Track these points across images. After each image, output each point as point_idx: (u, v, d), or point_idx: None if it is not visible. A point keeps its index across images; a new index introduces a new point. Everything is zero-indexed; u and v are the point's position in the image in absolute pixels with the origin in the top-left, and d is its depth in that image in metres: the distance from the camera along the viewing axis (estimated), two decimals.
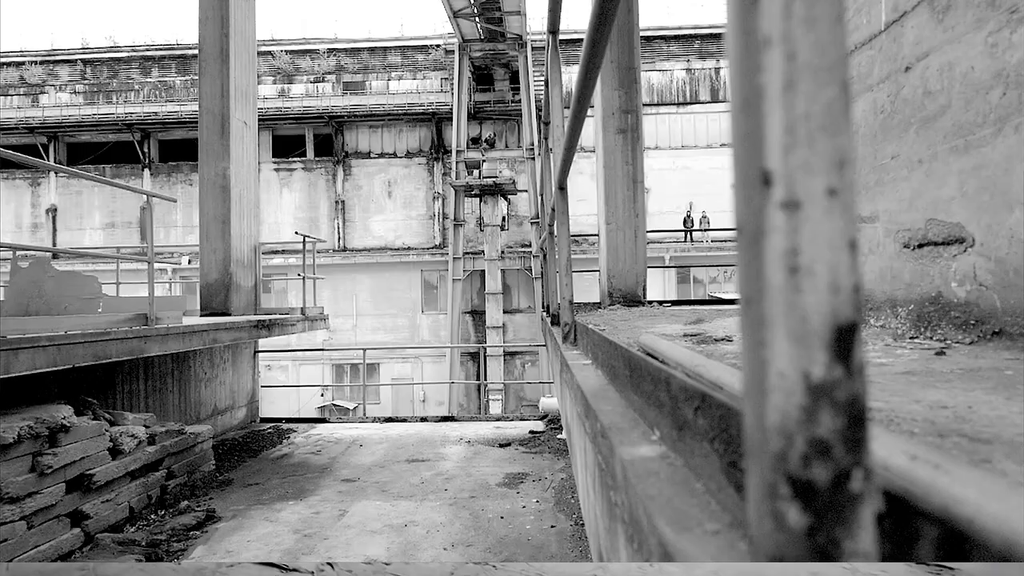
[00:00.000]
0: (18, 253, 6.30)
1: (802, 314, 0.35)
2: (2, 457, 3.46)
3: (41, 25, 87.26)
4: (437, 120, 21.61)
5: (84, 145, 22.57)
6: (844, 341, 0.35)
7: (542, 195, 5.27)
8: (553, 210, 2.61)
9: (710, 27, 21.95)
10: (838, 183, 0.35)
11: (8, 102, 23.10)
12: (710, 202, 20.83)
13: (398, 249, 21.51)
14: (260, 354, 8.75)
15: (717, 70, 21.84)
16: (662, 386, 0.71)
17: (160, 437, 4.93)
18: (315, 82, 22.91)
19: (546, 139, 3.69)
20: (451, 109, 20.99)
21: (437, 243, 21.42)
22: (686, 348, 1.10)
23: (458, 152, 20.59)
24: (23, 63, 23.30)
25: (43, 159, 21.37)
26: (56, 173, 21.77)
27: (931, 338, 1.68)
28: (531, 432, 7.17)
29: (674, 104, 21.78)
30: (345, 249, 21.56)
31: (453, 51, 21.40)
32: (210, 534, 4.31)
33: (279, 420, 8.58)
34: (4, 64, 23.34)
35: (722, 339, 2.05)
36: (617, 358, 1.10)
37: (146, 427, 4.85)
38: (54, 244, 21.47)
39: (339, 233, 21.58)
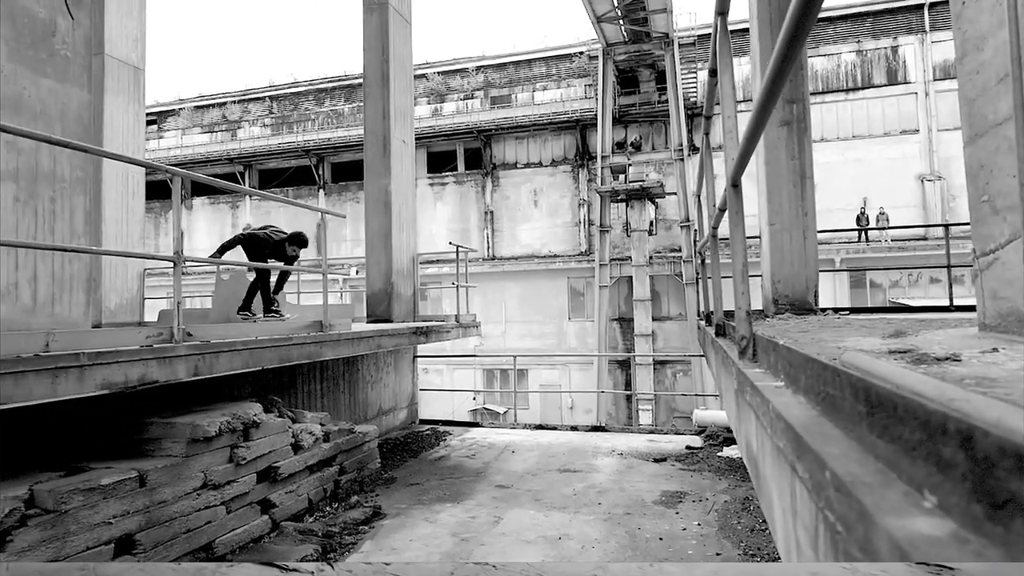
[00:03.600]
0: (221, 268, 7.22)
1: None
2: (206, 448, 3.92)
3: (238, 69, 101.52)
4: (581, 127, 21.58)
5: (271, 171, 25.69)
6: None
7: (699, 195, 4.95)
8: (721, 210, 2.38)
9: (885, 0, 19.55)
10: None
11: (214, 137, 27.02)
12: (888, 197, 18.49)
13: (544, 257, 21.75)
14: (418, 358, 9.24)
15: (894, 48, 19.39)
16: (949, 438, 0.53)
17: (334, 435, 5.33)
18: (465, 99, 24.00)
19: (706, 135, 3.42)
20: (595, 115, 20.85)
21: (583, 250, 21.34)
22: (929, 377, 0.88)
23: (603, 157, 20.38)
24: (224, 103, 27.14)
25: (241, 185, 24.72)
26: (250, 196, 25.01)
27: None
28: (688, 448, 6.78)
29: (842, 91, 19.70)
30: (494, 258, 22.26)
31: (596, 56, 21.28)
32: (376, 530, 4.56)
33: (436, 422, 8.98)
34: (211, 106, 27.36)
35: (946, 358, 1.70)
36: (837, 385, 0.90)
37: (321, 425, 5.27)
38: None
39: (488, 242, 22.34)
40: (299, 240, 6.11)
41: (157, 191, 24.10)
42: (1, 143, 3.42)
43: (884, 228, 13.74)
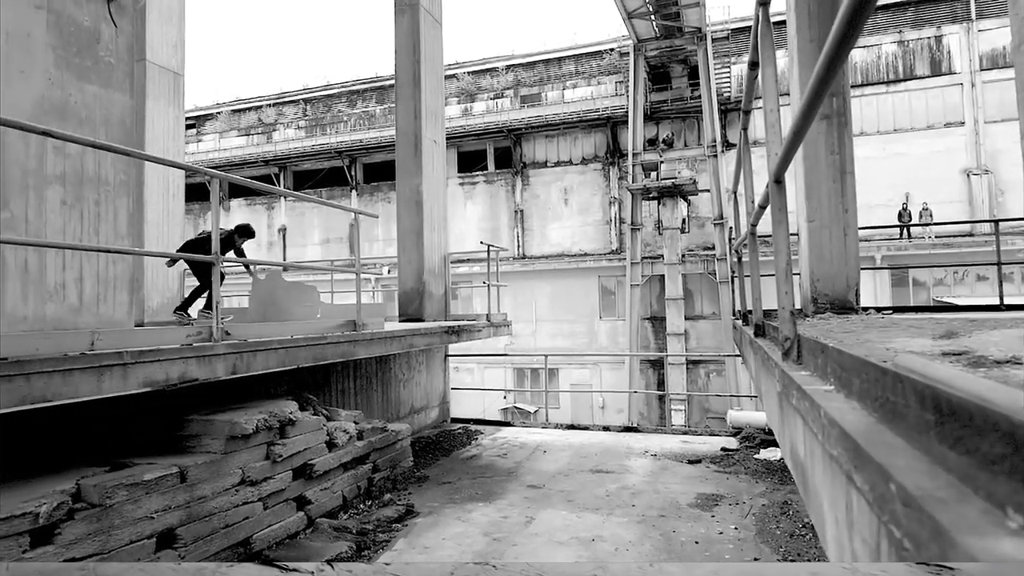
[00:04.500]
0: (257, 267, 7.35)
1: None
2: (244, 445, 3.99)
3: (273, 73, 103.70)
4: (612, 124, 21.39)
5: (305, 172, 26.14)
6: None
7: (735, 192, 4.84)
8: (761, 207, 2.31)
9: None
10: None
11: (250, 140, 27.63)
12: (931, 192, 17.84)
13: (575, 255, 21.64)
14: (449, 357, 9.28)
15: (938, 38, 18.69)
16: None
17: (367, 433, 5.38)
18: (495, 98, 24.03)
19: (744, 130, 3.34)
20: (626, 112, 20.65)
21: (614, 248, 21.16)
22: (996, 382, 0.83)
23: (634, 155, 20.16)
24: (260, 107, 27.72)
25: (276, 186, 25.24)
26: (285, 198, 25.49)
27: None
28: (723, 449, 6.65)
29: (882, 83, 19.08)
30: (524, 257, 22.23)
31: (627, 53, 21.06)
32: (410, 528, 4.58)
33: (468, 421, 9.00)
34: (247, 109, 27.97)
35: (1006, 361, 1.61)
36: (899, 392, 0.86)
37: (355, 423, 5.32)
38: (284, 259, 25.10)
39: (518, 241, 22.32)
40: (245, 231, 6.73)
41: (196, 193, 24.74)
42: (49, 148, 3.53)
43: (928, 224, 13.26)
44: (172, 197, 9.55)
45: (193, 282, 7.21)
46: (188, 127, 28.03)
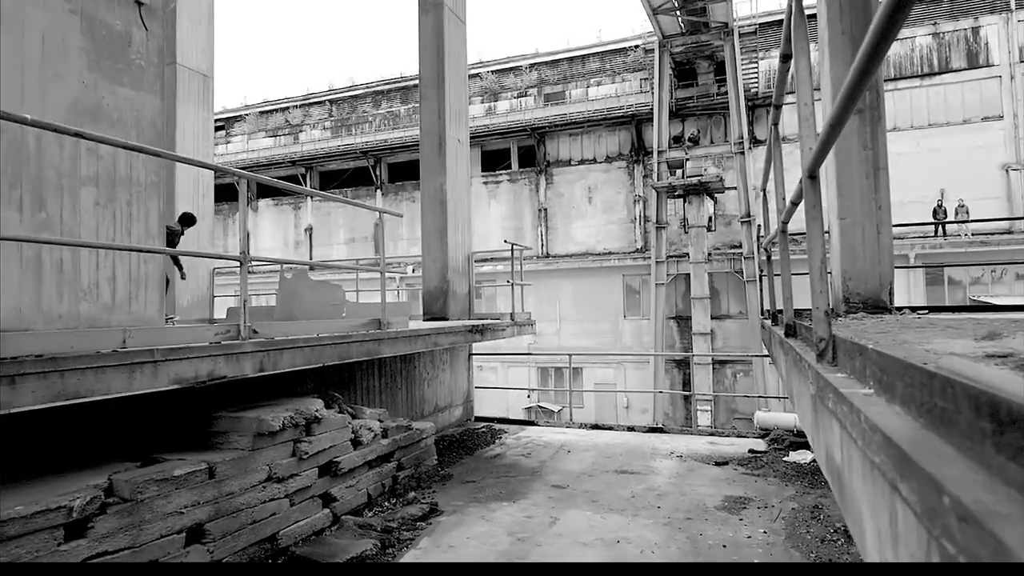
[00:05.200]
0: (284, 267, 7.44)
1: None
2: (270, 442, 4.03)
3: (300, 74, 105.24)
4: (637, 122, 21.19)
5: (331, 172, 26.44)
6: None
7: (764, 189, 4.74)
8: (794, 204, 2.24)
9: None
10: None
11: (278, 141, 28.04)
12: (967, 188, 17.29)
13: (599, 254, 21.51)
14: (473, 356, 9.29)
15: (975, 29, 18.11)
16: None
17: (392, 431, 5.41)
18: (518, 97, 24.00)
19: (775, 125, 3.25)
20: (651, 109, 20.44)
21: (638, 247, 20.98)
22: None
23: (660, 152, 19.95)
24: (287, 108, 28.11)
25: (302, 186, 25.60)
26: (311, 197, 25.81)
27: None
28: (751, 451, 6.53)
29: (916, 76, 18.56)
30: (548, 255, 22.17)
31: (652, 49, 20.85)
32: (434, 527, 4.58)
33: (491, 420, 9.00)
34: (275, 111, 28.39)
35: None
36: (949, 397, 0.81)
37: (380, 421, 5.35)
38: (310, 258, 25.43)
39: (542, 240, 22.26)
40: (185, 219, 7.20)
41: (225, 193, 25.20)
42: (83, 150, 3.60)
43: (964, 221, 12.88)
44: (202, 197, 9.73)
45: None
46: (217, 129, 28.56)
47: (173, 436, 4.04)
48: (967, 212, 16.83)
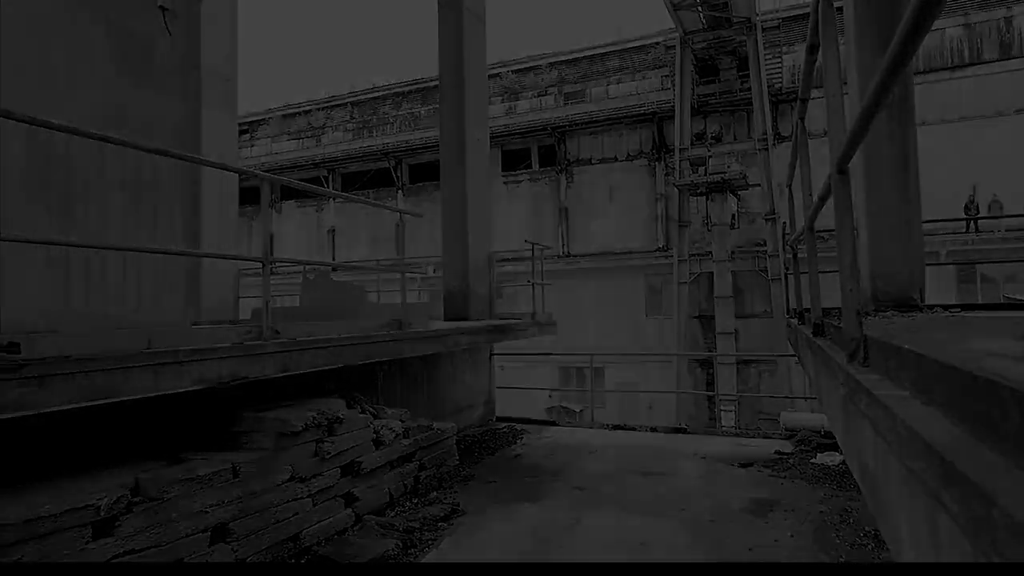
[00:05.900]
0: (307, 268, 7.51)
1: None
2: (293, 442, 4.06)
3: (322, 77, 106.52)
4: (658, 119, 20.99)
5: (353, 174, 26.67)
6: None
7: (789, 186, 4.64)
8: (822, 200, 2.18)
9: None
10: None
11: (300, 144, 28.38)
12: (1001, 183, 16.73)
13: (620, 253, 21.35)
14: (494, 356, 9.27)
15: (1008, 19, 17.56)
16: None
17: (413, 431, 5.41)
18: (538, 96, 23.93)
19: (801, 119, 3.18)
20: (672, 106, 20.23)
21: (660, 245, 20.77)
22: None
23: (681, 150, 19.74)
24: (310, 111, 28.44)
25: (325, 188, 25.91)
26: (333, 199, 26.07)
27: None
28: (777, 452, 6.41)
29: (946, 68, 18.06)
30: (569, 255, 22.07)
31: (673, 46, 20.61)
32: (455, 527, 4.58)
33: (513, 420, 8.97)
34: (297, 114, 28.74)
35: None
36: (996, 402, 0.76)
37: (401, 421, 5.36)
38: (333, 259, 25.68)
39: (563, 239, 22.17)
40: None
41: (249, 196, 25.55)
42: (109, 155, 3.67)
43: (998, 217, 12.47)
44: (227, 200, 9.86)
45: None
46: (241, 132, 28.96)
47: (197, 436, 4.09)
48: (1000, 207, 16.34)
